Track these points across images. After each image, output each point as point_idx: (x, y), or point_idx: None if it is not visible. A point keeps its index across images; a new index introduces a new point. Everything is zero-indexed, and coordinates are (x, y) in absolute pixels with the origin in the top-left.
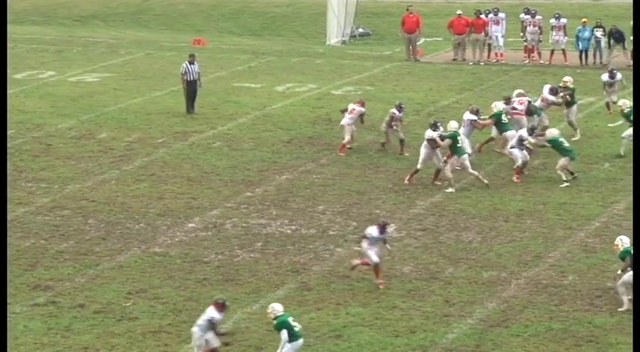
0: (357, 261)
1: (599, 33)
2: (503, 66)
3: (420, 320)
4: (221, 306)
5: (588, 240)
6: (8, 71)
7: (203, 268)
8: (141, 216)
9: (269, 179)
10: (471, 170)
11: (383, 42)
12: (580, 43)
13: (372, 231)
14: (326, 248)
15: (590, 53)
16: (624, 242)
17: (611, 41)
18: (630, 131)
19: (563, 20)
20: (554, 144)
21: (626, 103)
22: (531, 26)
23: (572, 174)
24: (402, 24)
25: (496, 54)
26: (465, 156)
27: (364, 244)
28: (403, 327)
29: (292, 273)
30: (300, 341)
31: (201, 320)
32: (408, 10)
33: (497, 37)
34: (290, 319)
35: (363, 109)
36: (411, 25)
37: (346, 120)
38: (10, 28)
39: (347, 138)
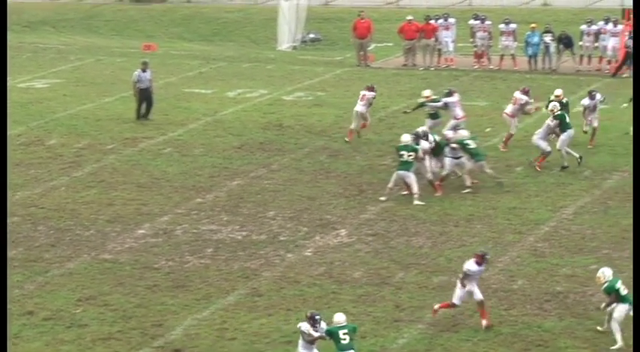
0: (437, 306)
1: (548, 38)
2: (454, 71)
3: (370, 326)
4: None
5: (537, 245)
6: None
7: (153, 274)
8: (91, 223)
9: (220, 185)
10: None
11: (334, 47)
12: (529, 49)
13: (470, 265)
14: (277, 253)
15: (540, 58)
16: (606, 275)
17: (560, 46)
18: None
19: (513, 26)
20: (461, 145)
21: (557, 106)
22: (481, 32)
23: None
24: (353, 29)
25: (446, 59)
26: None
27: (464, 283)
28: None
29: (243, 279)
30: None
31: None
32: (359, 15)
33: (447, 42)
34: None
35: (373, 93)
36: (362, 31)
37: (359, 107)
38: None
39: (354, 124)
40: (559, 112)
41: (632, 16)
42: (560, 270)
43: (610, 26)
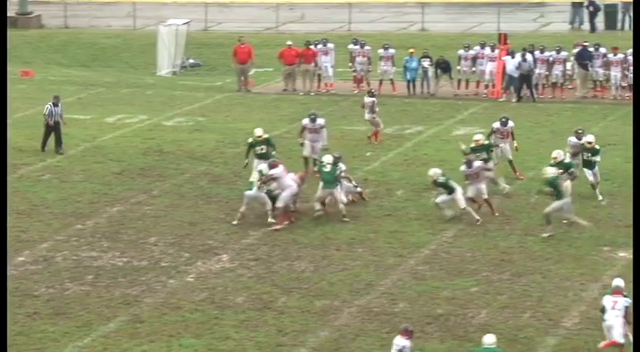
0: (602, 344)
1: (426, 63)
2: (334, 96)
3: (253, 351)
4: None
5: (418, 268)
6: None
7: (33, 302)
8: None
9: (100, 211)
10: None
11: (214, 73)
12: (408, 73)
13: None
14: (158, 279)
15: (418, 83)
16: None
17: (438, 71)
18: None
19: (392, 51)
20: (319, 169)
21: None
22: (360, 56)
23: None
24: (233, 55)
25: (326, 84)
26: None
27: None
28: None
29: (124, 306)
30: None
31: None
32: (239, 40)
33: (326, 67)
34: None
35: (371, 99)
36: (242, 56)
37: (365, 115)
38: None
39: (375, 128)
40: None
41: (508, 40)
42: (440, 293)
43: (487, 51)
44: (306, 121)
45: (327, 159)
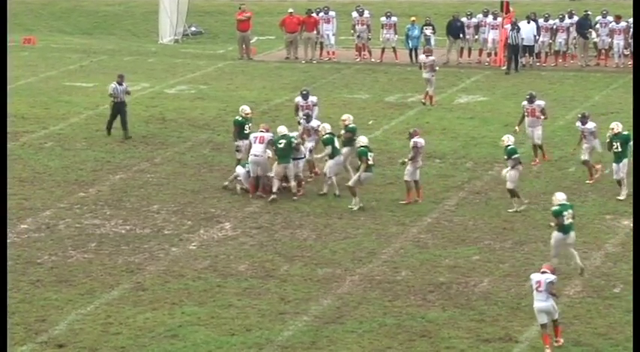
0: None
1: (428, 31)
2: (336, 64)
3: (255, 318)
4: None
5: (420, 236)
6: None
7: (36, 269)
8: None
9: (102, 179)
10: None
11: (216, 41)
12: (410, 42)
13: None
14: (161, 247)
15: (420, 51)
16: (511, 139)
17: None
18: None
19: (394, 19)
20: (274, 144)
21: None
22: (359, 24)
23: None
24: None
25: (328, 52)
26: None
27: None
28: (239, 326)
29: (127, 273)
30: None
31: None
32: (240, 8)
33: (328, 35)
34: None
35: (432, 58)
36: (244, 24)
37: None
38: None
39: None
40: (326, 136)
41: (511, 8)
42: (442, 261)
43: (490, 19)
44: (298, 99)
45: (281, 129)
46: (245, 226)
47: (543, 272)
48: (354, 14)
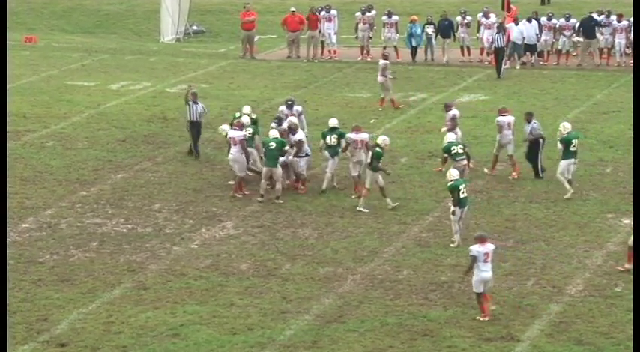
0: (483, 316)
1: (430, 30)
2: (337, 63)
3: (257, 317)
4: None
5: (422, 235)
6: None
7: (38, 269)
8: None
9: (104, 178)
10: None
11: (217, 39)
12: (412, 40)
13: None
14: (162, 246)
15: (421, 50)
16: (453, 175)
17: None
18: None
19: (395, 17)
20: (264, 145)
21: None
22: (362, 23)
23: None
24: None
25: (329, 51)
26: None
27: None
28: (241, 325)
29: (128, 272)
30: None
31: None
32: (245, 8)
33: (329, 34)
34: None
35: (385, 62)
36: (249, 23)
37: (379, 78)
38: None
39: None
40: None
41: (511, 6)
42: (444, 260)
43: (482, 18)
44: (282, 108)
45: (273, 132)
46: (247, 225)
47: (482, 244)
48: (358, 14)
